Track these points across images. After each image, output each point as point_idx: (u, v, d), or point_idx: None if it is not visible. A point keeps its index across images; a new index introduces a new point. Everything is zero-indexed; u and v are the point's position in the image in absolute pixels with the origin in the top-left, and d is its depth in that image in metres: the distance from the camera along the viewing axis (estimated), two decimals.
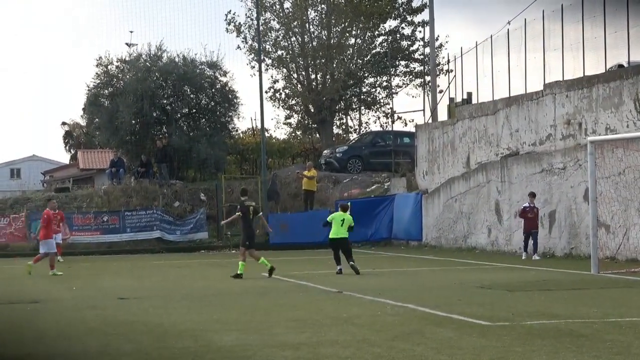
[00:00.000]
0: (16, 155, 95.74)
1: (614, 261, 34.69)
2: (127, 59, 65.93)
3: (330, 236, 35.60)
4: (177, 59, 63.58)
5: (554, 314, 21.02)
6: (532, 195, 40.01)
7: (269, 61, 70.89)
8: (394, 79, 73.45)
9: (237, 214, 36.02)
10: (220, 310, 23.55)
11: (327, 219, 36.23)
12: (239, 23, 71.27)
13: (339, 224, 35.41)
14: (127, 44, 70.82)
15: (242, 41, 71.39)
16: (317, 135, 72.68)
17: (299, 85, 72.92)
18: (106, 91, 64.34)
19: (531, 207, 39.73)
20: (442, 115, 58.01)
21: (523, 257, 39.51)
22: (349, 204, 40.08)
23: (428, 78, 64.56)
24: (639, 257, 35.04)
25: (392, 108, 73.57)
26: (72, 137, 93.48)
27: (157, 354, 16.43)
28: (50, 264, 37.70)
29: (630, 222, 35.88)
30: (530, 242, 40.19)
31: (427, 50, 65.16)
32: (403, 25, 72.10)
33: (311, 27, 71.88)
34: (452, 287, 28.62)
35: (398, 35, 72.44)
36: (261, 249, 49.04)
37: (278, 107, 74.30)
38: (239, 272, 33.62)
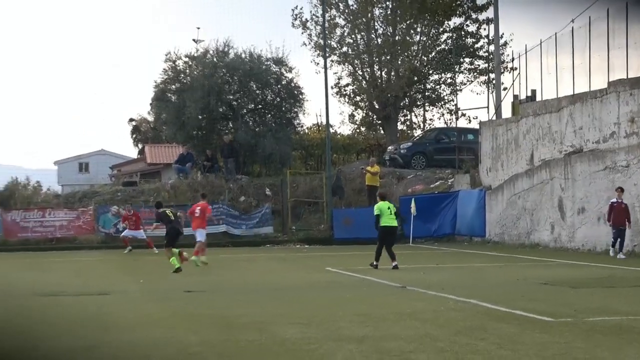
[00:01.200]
0: (85, 150, 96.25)
1: None
2: (195, 55, 66.26)
3: (383, 224, 34.97)
4: (243, 55, 63.73)
5: (617, 310, 20.92)
6: (621, 190, 38.40)
7: (334, 58, 70.86)
8: (458, 76, 73.33)
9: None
10: (285, 304, 23.63)
11: (375, 213, 35.34)
12: (305, 19, 71.33)
13: (388, 212, 35.08)
14: (194, 40, 71.29)
15: (308, 38, 71.45)
16: (382, 131, 72.63)
17: (364, 82, 72.80)
18: (173, 87, 64.65)
19: (619, 202, 38.01)
20: (506, 112, 57.79)
21: (611, 254, 37.91)
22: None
23: (492, 75, 64.26)
24: None
25: (456, 105, 73.62)
26: (140, 132, 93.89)
27: (222, 346, 16.48)
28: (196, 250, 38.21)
29: None
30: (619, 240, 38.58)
31: (492, 47, 64.95)
32: (468, 22, 71.88)
33: (376, 24, 71.80)
34: (515, 283, 28.51)
35: (463, 33, 72.22)
36: (326, 244, 49.17)
37: (343, 104, 74.42)
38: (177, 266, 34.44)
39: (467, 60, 72.77)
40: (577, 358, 14.67)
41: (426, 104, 75.74)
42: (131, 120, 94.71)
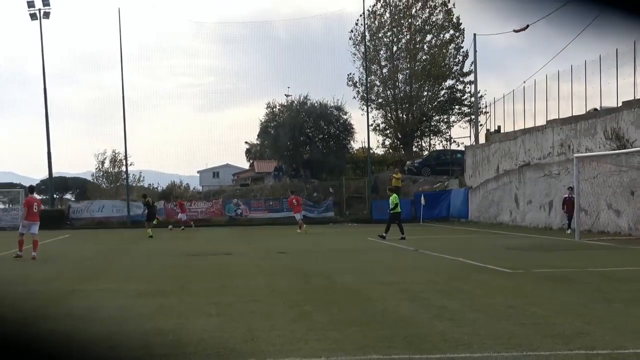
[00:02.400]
0: (216, 164, 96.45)
1: (590, 233, 34.10)
2: (285, 104, 66.56)
3: (399, 210, 34.94)
4: (316, 104, 63.92)
5: (554, 265, 20.81)
6: (571, 189, 36.10)
7: (372, 106, 70.90)
8: (451, 117, 73.42)
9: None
10: (342, 261, 23.65)
11: (395, 203, 34.63)
12: (355, 81, 71.49)
13: (395, 200, 34.73)
14: (285, 95, 71.38)
15: (357, 93, 71.63)
16: (403, 152, 72.47)
17: (392, 121, 72.88)
18: (272, 124, 64.89)
19: (570, 197, 35.89)
20: (482, 139, 57.57)
21: (568, 232, 35.29)
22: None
23: (473, 116, 64.13)
24: (606, 231, 34.53)
25: (450, 135, 73.61)
26: (250, 152, 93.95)
27: (303, 288, 16.54)
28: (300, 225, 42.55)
29: (600, 208, 35.34)
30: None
31: (473, 99, 64.70)
32: (457, 83, 71.70)
33: (399, 84, 71.80)
34: (487, 248, 28.39)
35: (454, 89, 72.04)
36: (367, 223, 48.80)
37: (378, 134, 74.41)
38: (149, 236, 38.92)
39: (456, 107, 72.54)
40: (526, 294, 14.61)
41: (430, 135, 75.57)
42: (246, 143, 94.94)
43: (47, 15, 61.71)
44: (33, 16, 61.42)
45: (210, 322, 11.90)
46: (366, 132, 63.03)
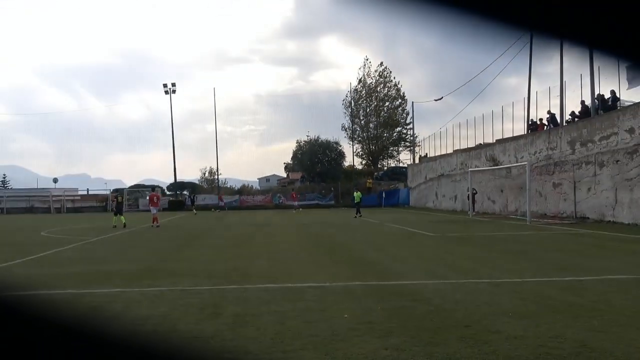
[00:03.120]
0: (268, 174, 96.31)
1: (478, 214, 33.69)
2: (307, 140, 66.39)
3: (356, 201, 35.26)
4: (324, 141, 63.68)
5: (457, 231, 20.60)
6: (474, 189, 34.09)
7: (356, 141, 70.55)
8: (400, 148, 72.86)
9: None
10: (338, 228, 23.25)
11: (359, 197, 35.44)
12: (346, 127, 71.32)
13: (359, 196, 35.29)
14: (307, 135, 71.26)
15: (346, 133, 71.39)
16: (372, 167, 72.04)
17: (366, 150, 72.50)
18: (299, 152, 64.69)
19: (474, 193, 33.94)
20: (417, 161, 57.14)
21: (473, 214, 32.53)
22: (358, 188, 40.42)
23: (412, 147, 63.71)
24: (487, 212, 34.17)
25: (399, 158, 72.98)
26: (287, 167, 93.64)
27: (315, 242, 16.38)
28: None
29: (484, 199, 34.98)
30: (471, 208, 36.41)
31: (412, 138, 64.31)
32: (403, 129, 71.43)
33: (371, 130, 71.50)
34: (420, 221, 28.14)
35: (401, 132, 71.66)
36: (352, 208, 48.68)
37: (358, 157, 73.88)
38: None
39: (403, 142, 72.16)
40: (443, 248, 14.47)
41: (388, 158, 74.95)
42: (284, 163, 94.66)
43: (174, 91, 61.82)
44: (166, 92, 61.56)
45: (263, 262, 11.82)
46: (352, 156, 62.81)
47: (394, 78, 70.93)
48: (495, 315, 6.38)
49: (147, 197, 30.45)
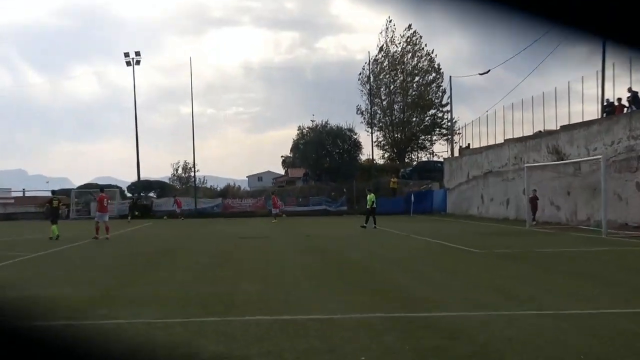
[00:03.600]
0: (260, 170, 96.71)
1: (539, 222, 33.67)
2: (311, 127, 66.54)
3: (368, 206, 34.27)
4: (334, 127, 63.73)
5: (508, 246, 20.60)
6: (534, 190, 33.80)
7: (375, 128, 70.70)
8: (433, 137, 73.28)
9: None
10: (352, 242, 23.48)
11: (372, 200, 33.97)
12: (362, 110, 71.72)
13: (372, 199, 34.08)
14: (311, 120, 71.54)
15: (364, 119, 71.75)
16: (398, 162, 72.22)
17: (389, 139, 72.80)
18: (301, 142, 64.80)
19: (533, 196, 33.55)
20: (456, 153, 57.25)
21: (533, 223, 32.07)
22: (370, 189, 38.55)
23: (449, 136, 63.95)
24: (549, 221, 34.14)
25: (433, 150, 73.38)
26: (286, 162, 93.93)
27: (322, 262, 16.43)
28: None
29: (544, 204, 34.95)
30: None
31: (449, 123, 64.47)
32: (438, 112, 71.64)
33: (395, 113, 71.81)
34: (460, 233, 28.15)
35: (435, 116, 71.90)
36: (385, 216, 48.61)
37: (379, 149, 74.30)
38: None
39: (437, 129, 72.37)
40: (490, 268, 14.43)
41: (418, 150, 75.28)
42: (282, 156, 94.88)
43: (138, 62, 62.09)
44: (128, 63, 61.82)
45: (255, 286, 11.81)
46: (371, 148, 62.89)
47: (426, 45, 71.32)
48: (562, 358, 6.33)
49: (97, 200, 30.38)
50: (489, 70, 53.28)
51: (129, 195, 63.24)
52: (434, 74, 71.18)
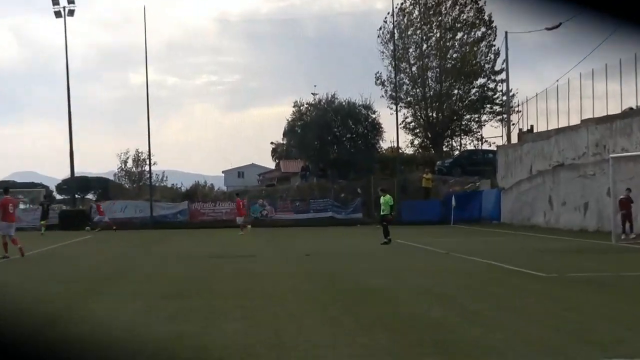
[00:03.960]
0: (242, 163, 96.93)
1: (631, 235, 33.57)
2: (313, 102, 66.58)
3: (382, 211, 33.57)
4: (343, 103, 63.75)
5: (587, 268, 20.60)
6: (629, 190, 33.60)
7: (402, 104, 70.72)
8: (482, 116, 73.27)
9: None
10: (371, 263, 23.54)
11: (389, 204, 33.32)
12: (383, 79, 71.63)
13: (387, 202, 33.37)
14: (312, 93, 71.55)
15: (385, 92, 71.71)
16: (433, 151, 72.30)
17: (421, 120, 72.88)
18: (299, 123, 64.84)
19: (625, 198, 33.22)
20: (514, 139, 57.32)
21: (622, 237, 31.76)
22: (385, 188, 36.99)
23: (505, 115, 63.88)
24: None
25: (481, 135, 73.52)
26: (277, 152, 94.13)
27: (330, 290, 16.48)
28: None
29: (638, 211, 34.81)
30: (627, 224, 33.34)
31: (504, 97, 64.41)
32: (489, 81, 71.58)
33: (429, 82, 71.78)
34: (519, 250, 28.16)
35: (485, 88, 71.87)
36: (396, 225, 48.77)
37: (407, 134, 74.37)
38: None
39: (488, 106, 72.36)
40: (561, 299, 14.43)
41: (461, 134, 75.38)
42: (272, 143, 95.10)
43: (71, 12, 62.02)
44: (58, 14, 61.78)
45: (235, 326, 11.82)
46: (395, 131, 62.84)
47: None
48: None
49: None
50: (560, 24, 53.01)
51: (59, 197, 63.55)
52: (482, 29, 71.15)
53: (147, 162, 66.47)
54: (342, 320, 12.38)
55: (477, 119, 73.90)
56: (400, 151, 65.42)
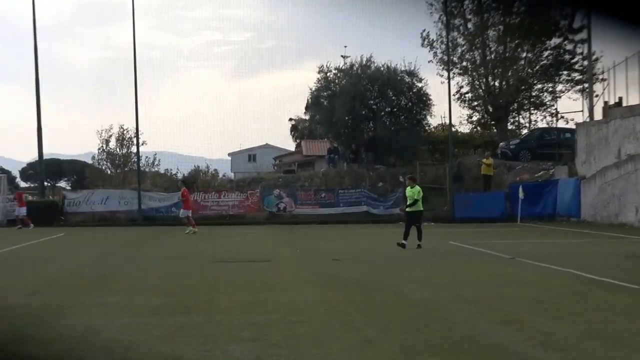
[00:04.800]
0: (253, 144, 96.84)
1: None
2: (342, 68, 66.49)
3: (409, 207, 32.31)
4: (382, 68, 63.66)
5: None
6: None
7: (455, 71, 70.48)
8: (557, 85, 72.84)
9: None
10: (413, 270, 23.53)
11: (414, 198, 31.91)
12: (432, 40, 71.38)
13: (415, 194, 32.02)
14: (342, 56, 71.47)
15: (434, 55, 71.49)
16: (494, 130, 72.10)
17: (480, 90, 72.63)
18: (325, 93, 64.84)
19: None
20: (597, 115, 57.03)
21: None
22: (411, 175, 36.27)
23: (586, 85, 63.55)
24: None
25: (556, 109, 73.01)
26: (297, 130, 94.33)
27: (364, 304, 16.47)
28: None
29: None
30: None
31: (585, 62, 64.06)
32: (565, 42, 71.13)
33: (490, 43, 71.49)
34: (605, 256, 28.01)
35: (561, 50, 71.45)
36: (448, 222, 48.61)
37: (463, 107, 74.11)
38: None
39: (565, 72, 71.98)
40: None
41: (531, 108, 75.02)
42: (291, 119, 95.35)
43: None
44: None
45: (244, 347, 11.87)
46: (447, 104, 62.62)
47: None
48: None
49: None
50: None
51: (24, 185, 63.91)
52: None
53: (134, 142, 66.38)
54: (380, 342, 12.38)
55: (550, 89, 73.38)
56: (453, 129, 65.32)
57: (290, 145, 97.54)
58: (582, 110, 62.99)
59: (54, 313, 15.92)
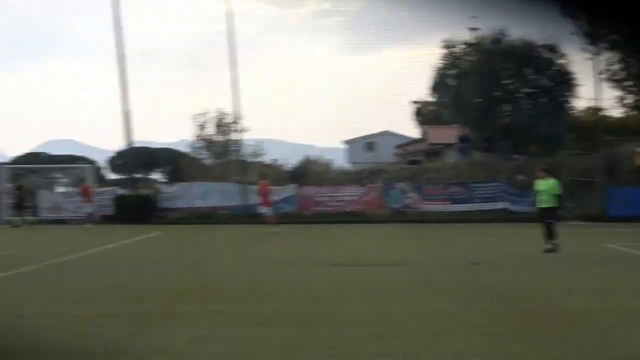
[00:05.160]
0: (371, 131, 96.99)
1: None
2: (472, 42, 66.01)
3: (541, 203, 32.54)
4: (517, 42, 63.14)
5: None
6: None
7: (603, 44, 69.55)
8: None
9: None
10: (565, 276, 23.41)
11: (540, 190, 32.47)
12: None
13: (551, 189, 32.17)
14: (470, 28, 71.02)
15: (578, 26, 70.68)
16: None
17: (634, 67, 71.62)
18: (452, 72, 64.58)
19: None
20: None
21: None
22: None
23: None
24: None
25: None
26: (422, 115, 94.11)
27: (509, 315, 16.37)
28: None
29: None
30: None
31: None
32: None
33: None
34: None
35: None
36: (600, 221, 48.12)
37: (614, 88, 73.13)
38: None
39: None
40: None
41: None
42: (414, 102, 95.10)
43: None
44: None
45: None
46: (593, 84, 61.83)
47: None
48: None
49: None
50: None
51: (112, 177, 64.80)
52: None
53: (234, 128, 66.63)
54: (529, 359, 12.37)
55: None
56: (601, 113, 64.47)
57: (414, 133, 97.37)
58: None
59: (146, 324, 16.07)
